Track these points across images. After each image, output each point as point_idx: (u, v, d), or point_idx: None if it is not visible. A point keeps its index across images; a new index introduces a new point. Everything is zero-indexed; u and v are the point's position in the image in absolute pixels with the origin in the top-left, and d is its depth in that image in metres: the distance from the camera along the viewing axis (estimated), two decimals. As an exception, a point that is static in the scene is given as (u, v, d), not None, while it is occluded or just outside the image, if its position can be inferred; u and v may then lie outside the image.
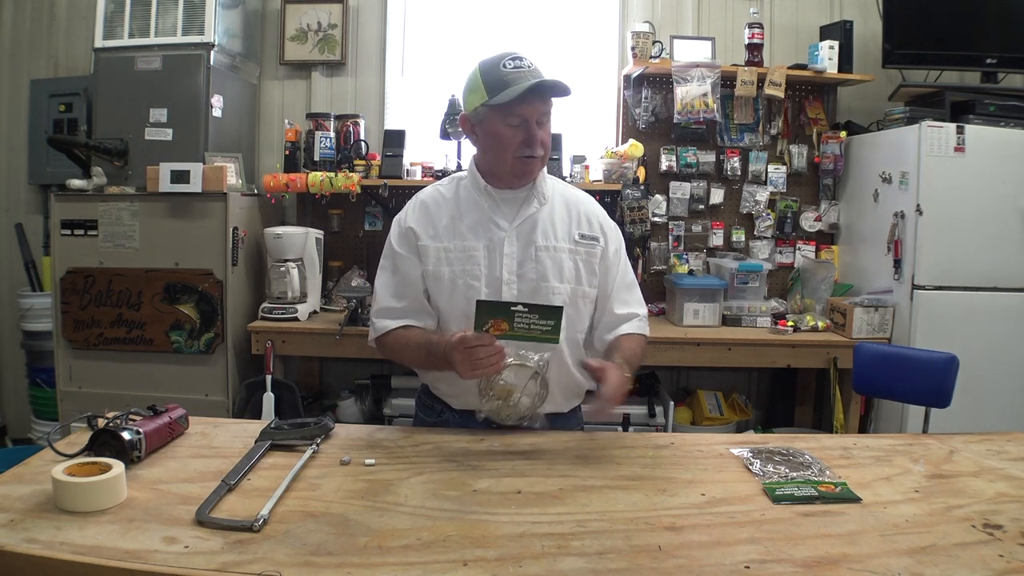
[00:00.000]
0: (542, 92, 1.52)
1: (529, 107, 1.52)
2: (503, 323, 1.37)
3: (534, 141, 1.54)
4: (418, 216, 1.64)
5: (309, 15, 3.54)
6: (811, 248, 3.55)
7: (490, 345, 1.38)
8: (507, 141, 1.54)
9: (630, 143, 3.34)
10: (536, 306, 1.38)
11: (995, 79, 3.28)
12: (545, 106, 1.55)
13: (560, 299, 1.57)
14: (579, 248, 1.62)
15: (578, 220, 1.65)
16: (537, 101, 1.52)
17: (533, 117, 1.53)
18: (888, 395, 2.49)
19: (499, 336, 1.39)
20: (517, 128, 1.54)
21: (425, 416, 1.72)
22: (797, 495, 1.23)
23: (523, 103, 1.51)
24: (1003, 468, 1.39)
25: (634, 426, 3.10)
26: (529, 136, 1.54)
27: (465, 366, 1.40)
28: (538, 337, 1.39)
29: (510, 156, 1.55)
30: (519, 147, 1.54)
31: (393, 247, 1.65)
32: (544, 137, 1.56)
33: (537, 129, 1.54)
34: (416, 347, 1.56)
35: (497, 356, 1.39)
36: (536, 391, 1.49)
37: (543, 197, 1.64)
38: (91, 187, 3.03)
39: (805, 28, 3.54)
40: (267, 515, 1.09)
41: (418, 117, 3.57)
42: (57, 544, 1.00)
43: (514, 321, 1.37)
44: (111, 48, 3.11)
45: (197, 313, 2.96)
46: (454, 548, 1.03)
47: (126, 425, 1.31)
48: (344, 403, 3.34)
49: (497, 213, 1.61)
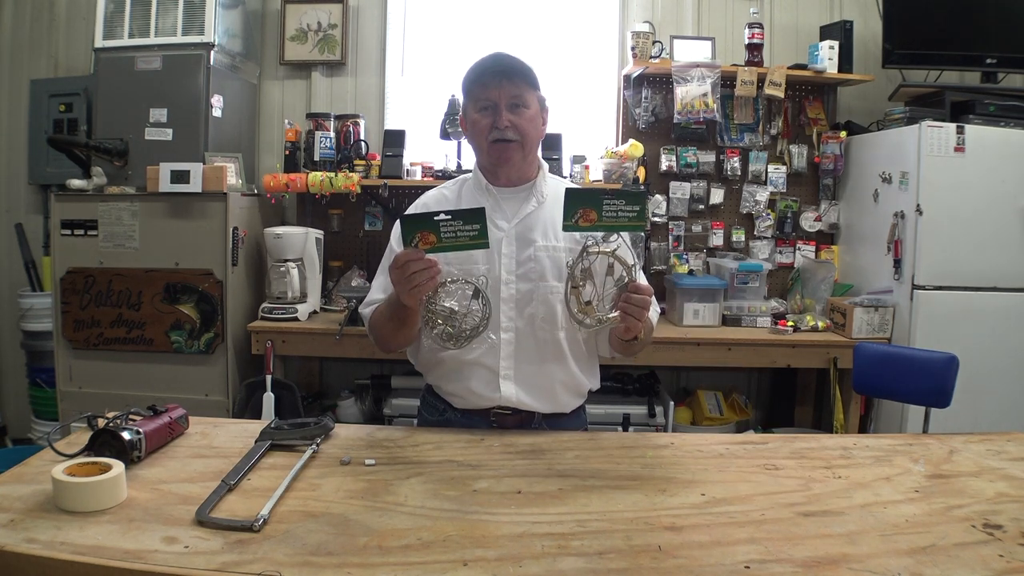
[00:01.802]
0: (497, 72, 1.55)
1: (495, 90, 1.55)
2: (430, 235, 1.36)
3: (501, 123, 1.56)
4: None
5: (309, 15, 3.54)
6: (811, 248, 3.55)
7: (419, 259, 1.37)
8: (479, 126, 1.58)
9: (630, 143, 3.34)
10: (459, 211, 1.38)
11: (995, 79, 3.28)
12: (514, 89, 1.56)
13: (559, 298, 1.57)
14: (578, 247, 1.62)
15: None
16: (504, 83, 1.55)
17: (501, 100, 1.56)
18: (888, 395, 2.50)
19: (429, 250, 1.37)
20: (486, 112, 1.57)
21: (428, 415, 1.73)
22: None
23: (486, 87, 1.56)
24: (1003, 468, 1.39)
25: (634, 426, 3.10)
26: (497, 118, 1.56)
27: (402, 286, 1.39)
28: (466, 244, 1.38)
29: (485, 141, 1.58)
30: (490, 130, 1.57)
31: (393, 249, 1.66)
32: (518, 121, 1.57)
33: (507, 113, 1.56)
34: (384, 310, 1.58)
35: (431, 271, 1.38)
36: (479, 309, 1.47)
37: (542, 195, 1.64)
38: (91, 187, 3.03)
39: (805, 28, 3.54)
40: (267, 515, 1.09)
41: (418, 117, 3.57)
42: (57, 544, 1.00)
43: (440, 231, 1.36)
44: (111, 48, 3.11)
45: (197, 313, 2.96)
46: (454, 548, 1.03)
47: (126, 425, 1.31)
48: (344, 403, 3.34)
49: (497, 212, 1.62)
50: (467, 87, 1.60)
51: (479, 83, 1.57)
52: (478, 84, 1.57)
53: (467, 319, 1.47)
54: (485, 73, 1.57)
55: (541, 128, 1.64)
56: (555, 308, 1.58)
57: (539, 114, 1.62)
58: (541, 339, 1.60)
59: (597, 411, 3.03)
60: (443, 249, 1.38)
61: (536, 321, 1.59)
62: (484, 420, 1.62)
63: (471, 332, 1.47)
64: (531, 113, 1.59)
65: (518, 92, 1.57)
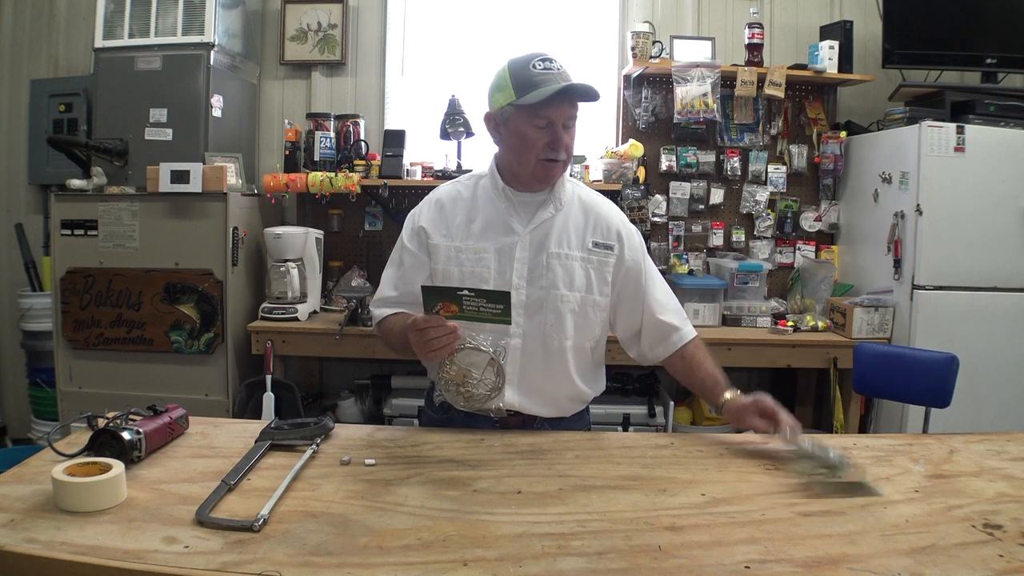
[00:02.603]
0: (571, 95, 1.51)
1: (557, 110, 1.50)
2: (452, 305, 1.37)
3: (559, 144, 1.53)
4: (432, 215, 1.64)
5: (309, 15, 3.54)
6: (811, 248, 3.55)
7: (440, 326, 1.37)
8: (532, 143, 1.53)
9: (630, 143, 3.34)
10: (484, 291, 1.38)
11: (995, 79, 3.28)
12: (572, 110, 1.53)
13: (569, 308, 1.57)
14: (591, 256, 1.61)
15: (594, 227, 1.63)
16: (565, 104, 1.51)
17: (560, 120, 1.52)
18: (888, 395, 2.50)
19: (451, 317, 1.38)
20: (543, 130, 1.52)
21: (432, 413, 1.73)
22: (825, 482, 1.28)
23: (551, 105, 1.49)
24: (1003, 468, 1.39)
25: (634, 426, 3.10)
26: (555, 138, 1.52)
27: (420, 347, 1.40)
28: (489, 319, 1.38)
29: (534, 158, 1.54)
30: (543, 149, 1.53)
31: (404, 242, 1.66)
32: (568, 141, 1.55)
33: (563, 132, 1.53)
34: (397, 332, 1.56)
35: (450, 336, 1.38)
36: (492, 380, 1.47)
37: (560, 203, 1.62)
38: (91, 187, 3.03)
39: (805, 28, 3.54)
40: (267, 515, 1.09)
41: (418, 117, 3.57)
42: (57, 544, 1.00)
43: (463, 304, 1.36)
44: (111, 48, 3.11)
45: (197, 313, 2.96)
46: (454, 548, 1.03)
47: (126, 425, 1.31)
48: (344, 403, 3.34)
49: (512, 216, 1.60)
50: (529, 98, 1.48)
51: (550, 102, 1.48)
52: (548, 103, 1.48)
53: (480, 385, 1.48)
54: (561, 95, 1.48)
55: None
56: (565, 317, 1.57)
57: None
58: (548, 347, 1.59)
59: (597, 411, 3.02)
60: (464, 319, 1.38)
61: (545, 328, 1.58)
62: (488, 421, 1.62)
63: (481, 398, 1.49)
64: (576, 130, 1.57)
65: (575, 112, 1.54)
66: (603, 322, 1.66)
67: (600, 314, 1.63)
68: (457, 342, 1.41)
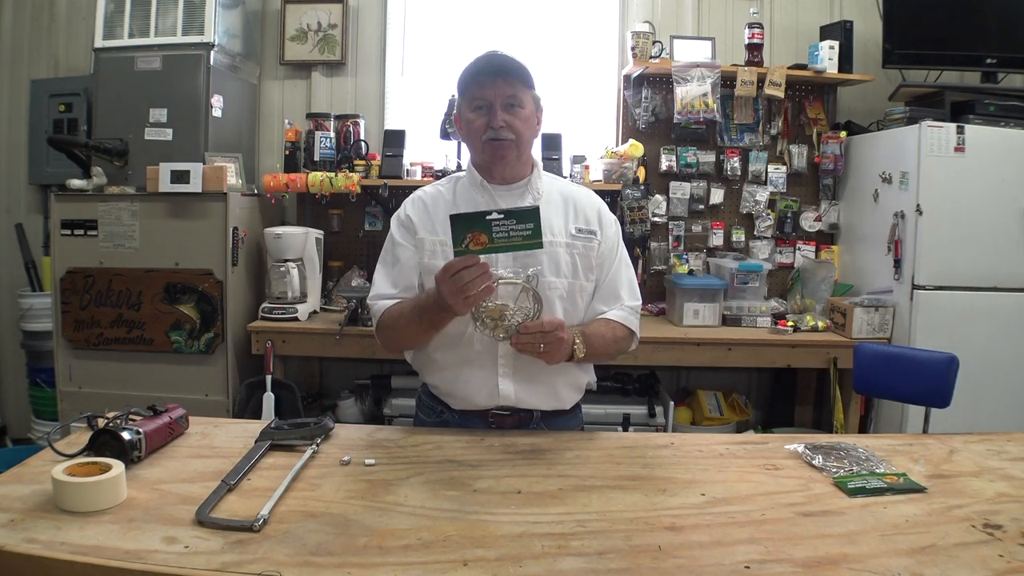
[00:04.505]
0: (493, 72, 1.55)
1: (490, 90, 1.55)
2: (481, 235, 1.33)
3: (495, 122, 1.55)
4: (417, 210, 1.66)
5: (309, 15, 3.53)
6: (811, 248, 3.55)
7: (475, 265, 1.35)
8: (474, 126, 1.58)
9: (630, 143, 3.34)
10: (512, 210, 1.36)
11: (995, 79, 3.28)
12: (509, 88, 1.56)
13: (557, 294, 1.57)
14: (576, 242, 1.62)
15: (575, 214, 1.65)
16: (499, 82, 1.55)
17: (496, 100, 1.55)
18: (888, 395, 2.49)
19: (480, 250, 1.34)
20: (481, 111, 1.57)
21: (425, 417, 1.72)
22: (868, 488, 1.26)
23: (482, 85, 1.55)
24: (1003, 468, 1.39)
25: (634, 426, 3.10)
26: (491, 117, 1.55)
27: (455, 296, 1.36)
28: (520, 244, 1.36)
29: (479, 140, 1.58)
30: (485, 129, 1.56)
31: (395, 239, 1.66)
32: (512, 121, 1.56)
33: (502, 112, 1.55)
34: (408, 312, 1.55)
35: (484, 276, 1.36)
36: (530, 306, 1.46)
37: (538, 192, 1.64)
38: (91, 187, 3.03)
39: (805, 28, 3.53)
40: (267, 515, 1.09)
41: (418, 117, 3.57)
42: (57, 544, 1.00)
43: (492, 231, 1.33)
44: (111, 48, 3.11)
45: (197, 313, 2.96)
46: (454, 548, 1.03)
47: (126, 425, 1.31)
48: (344, 403, 3.34)
49: (492, 207, 1.61)
50: (462, 86, 1.60)
51: (474, 82, 1.56)
52: (473, 83, 1.56)
53: (518, 313, 1.45)
54: (480, 72, 1.56)
55: (536, 127, 1.64)
56: (553, 303, 1.57)
57: (534, 114, 1.62)
58: None
59: (597, 411, 3.03)
60: (495, 250, 1.35)
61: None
62: (482, 421, 1.61)
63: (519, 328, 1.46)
64: (526, 113, 1.58)
65: (513, 92, 1.56)
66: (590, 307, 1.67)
67: (587, 299, 1.64)
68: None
